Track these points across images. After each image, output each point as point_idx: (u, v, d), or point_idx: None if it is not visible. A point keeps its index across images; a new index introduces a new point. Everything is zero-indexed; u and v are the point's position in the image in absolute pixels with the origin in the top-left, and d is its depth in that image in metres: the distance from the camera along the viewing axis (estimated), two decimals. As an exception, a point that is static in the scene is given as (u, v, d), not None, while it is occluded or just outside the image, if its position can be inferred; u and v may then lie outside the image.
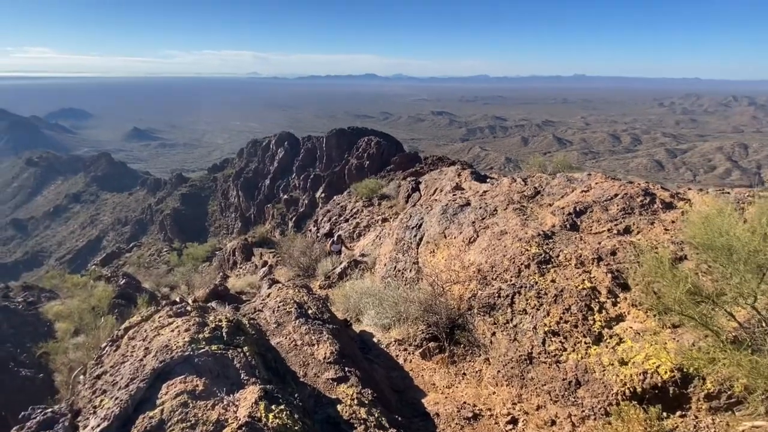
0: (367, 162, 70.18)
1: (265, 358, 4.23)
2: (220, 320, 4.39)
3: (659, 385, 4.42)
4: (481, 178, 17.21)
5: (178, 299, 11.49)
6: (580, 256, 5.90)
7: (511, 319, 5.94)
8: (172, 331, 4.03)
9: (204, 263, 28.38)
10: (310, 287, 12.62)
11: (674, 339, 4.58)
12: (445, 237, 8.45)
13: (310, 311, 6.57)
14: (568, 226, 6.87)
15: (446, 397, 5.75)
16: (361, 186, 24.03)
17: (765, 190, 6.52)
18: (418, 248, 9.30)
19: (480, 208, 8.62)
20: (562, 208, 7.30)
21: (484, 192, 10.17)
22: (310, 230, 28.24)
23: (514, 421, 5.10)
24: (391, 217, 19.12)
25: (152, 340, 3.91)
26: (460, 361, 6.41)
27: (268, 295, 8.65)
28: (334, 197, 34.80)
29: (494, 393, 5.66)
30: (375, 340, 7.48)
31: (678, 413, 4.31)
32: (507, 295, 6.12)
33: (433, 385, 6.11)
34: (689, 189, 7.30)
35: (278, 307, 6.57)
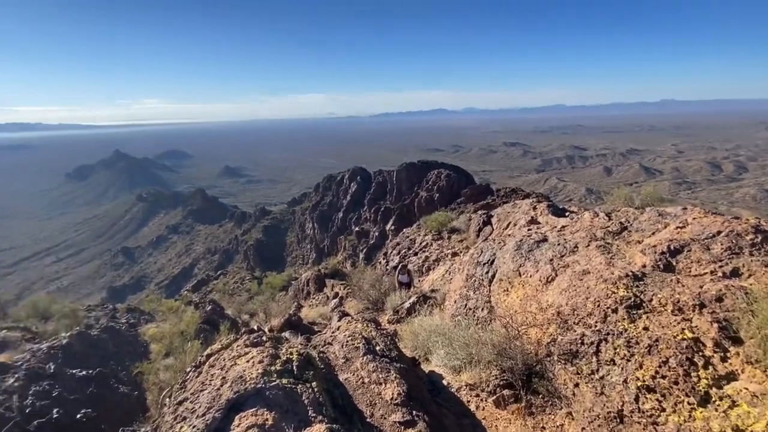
0: (437, 194, 70.18)
1: (333, 395, 4.24)
2: (291, 353, 4.51)
3: (791, 464, 3.65)
4: (559, 212, 16.30)
5: (255, 327, 12.11)
6: (678, 302, 5.23)
7: (597, 370, 5.37)
8: (248, 361, 4.22)
9: (281, 292, 29.76)
10: (379, 321, 12.62)
11: (808, 408, 3.81)
12: (520, 275, 8.02)
13: (378, 347, 6.52)
14: (661, 266, 6.17)
15: (523, 453, 5.27)
16: (431, 219, 23.95)
17: None
18: (490, 286, 8.91)
19: (558, 244, 8.10)
20: (654, 246, 6.60)
21: (563, 227, 9.57)
22: (380, 262, 28.54)
23: (603, 489, 4.50)
24: (461, 252, 18.69)
25: (229, 370, 4.12)
26: (539, 413, 5.88)
27: (338, 328, 8.77)
28: (404, 230, 34.98)
29: (578, 453, 5.08)
30: (445, 382, 7.17)
31: (820, 503, 3.51)
32: (591, 343, 5.57)
33: (507, 438, 5.65)
34: (816, 226, 6.22)
35: (347, 341, 6.60)
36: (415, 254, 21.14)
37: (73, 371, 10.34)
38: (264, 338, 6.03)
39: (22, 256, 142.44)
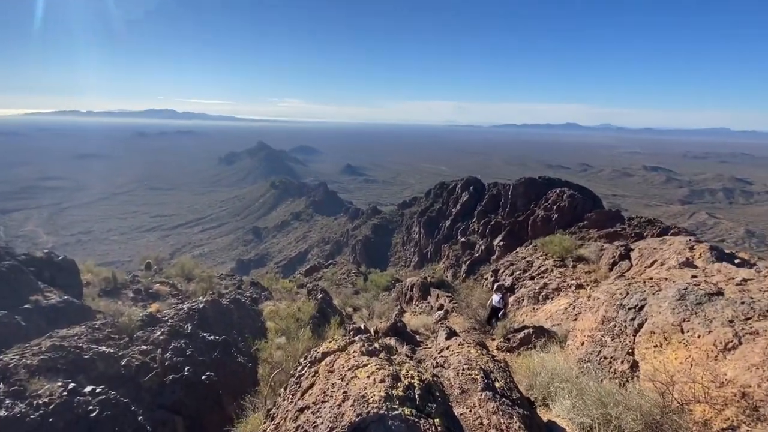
0: (556, 215, 64.75)
1: (454, 436, 3.75)
2: (413, 376, 4.13)
3: None
4: (726, 257, 13.42)
5: (362, 326, 12.21)
6: None
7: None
8: (368, 376, 3.96)
9: (384, 291, 30.25)
10: (486, 345, 11.73)
11: None
12: (683, 332, 6.52)
13: (497, 384, 5.82)
14: None
15: None
16: (553, 242, 21.87)
17: None
18: (635, 336, 7.48)
19: (742, 302, 6.40)
20: None
21: (744, 280, 7.62)
22: (486, 279, 27.10)
23: None
24: (587, 285, 16.60)
25: (349, 383, 3.91)
26: None
27: (447, 347, 8.24)
28: (517, 249, 32.84)
29: None
30: (570, 439, 6.14)
31: None
32: (801, 449, 4.12)
33: None
34: None
35: (462, 369, 6.03)
36: (532, 278, 19.47)
37: (204, 334, 11.56)
38: (377, 345, 5.79)
39: (179, 222, 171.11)
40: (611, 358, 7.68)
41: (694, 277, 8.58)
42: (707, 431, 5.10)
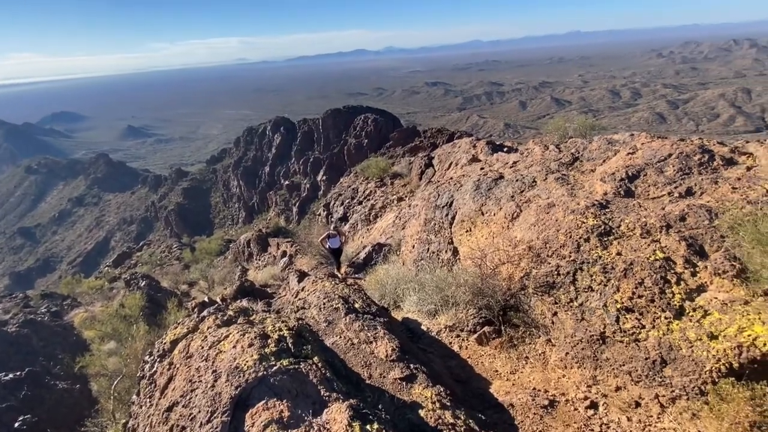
0: (366, 140, 69.28)
1: (335, 366, 3.93)
2: (281, 329, 4.06)
3: (758, 358, 4.09)
4: (498, 148, 16.67)
5: (206, 299, 11.26)
6: (645, 225, 5.50)
7: (576, 298, 5.60)
8: (234, 346, 3.71)
9: (218, 257, 28.23)
10: (336, 275, 12.37)
11: (769, 308, 4.23)
12: (483, 214, 8.05)
13: (357, 305, 6.26)
14: (622, 192, 6.44)
15: (513, 385, 5.48)
16: (371, 166, 23.52)
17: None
18: (451, 228, 8.92)
19: (516, 180, 8.18)
20: (612, 173, 6.85)
21: (515, 163, 9.70)
22: (320, 215, 27.90)
23: (594, 406, 4.82)
24: (406, 196, 18.70)
25: (215, 360, 3.60)
26: (520, 344, 6.12)
27: (302, 289, 8.35)
28: (341, 180, 34.29)
29: (564, 376, 5.37)
30: (423, 327, 7.20)
31: (783, 388, 4.00)
32: (567, 273, 5.76)
33: (495, 372, 5.84)
34: (747, 142, 6.80)
35: (323, 303, 6.25)
36: (360, 203, 20.83)
37: (-5, 377, 8.98)
38: (231, 313, 5.47)
39: None
40: (438, 251, 9.05)
41: (482, 169, 10.47)
42: (512, 283, 6.63)
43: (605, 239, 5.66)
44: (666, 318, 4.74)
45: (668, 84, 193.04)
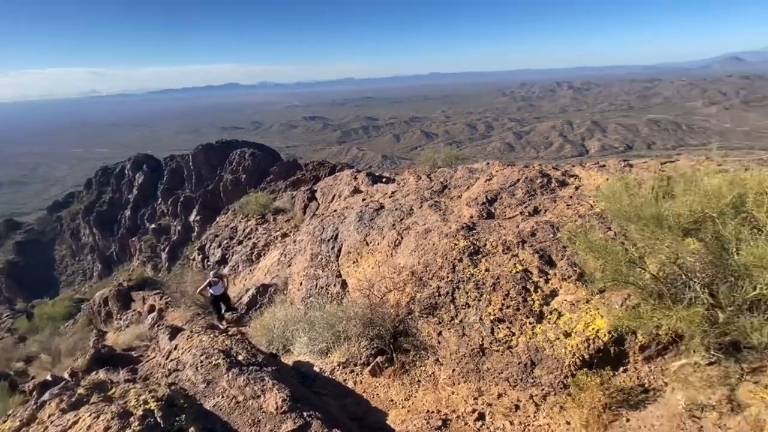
0: (244, 175, 66.39)
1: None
2: (146, 400, 3.46)
3: (601, 348, 4.82)
4: (378, 179, 17.41)
5: (49, 377, 9.17)
6: (505, 242, 6.19)
7: (456, 315, 5.97)
8: (82, 435, 3.02)
9: (66, 322, 23.55)
10: (218, 325, 11.27)
11: (604, 303, 5.05)
12: (368, 244, 8.22)
13: (240, 357, 5.73)
14: (485, 215, 7.20)
15: (409, 411, 5.52)
16: (250, 202, 22.47)
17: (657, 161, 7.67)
18: (338, 260, 8.90)
19: (396, 209, 8.58)
20: (474, 198, 7.63)
21: (393, 192, 10.20)
22: (194, 259, 25.45)
23: (481, 417, 5.10)
24: (290, 231, 18.21)
25: (54, 458, 2.87)
26: (411, 368, 6.24)
27: (175, 348, 7.42)
28: (217, 219, 32.02)
29: (453, 393, 5.62)
30: (316, 368, 6.89)
31: (621, 369, 4.76)
32: (447, 292, 6.13)
33: (391, 402, 5.83)
34: (573, 166, 8.26)
35: (201, 361, 5.57)
36: (240, 243, 19.60)
37: None
38: (82, 390, 4.56)
39: None
40: (326, 285, 8.91)
41: (363, 200, 10.77)
42: (400, 309, 6.81)
43: (475, 258, 6.21)
44: (530, 323, 5.33)
45: (513, 118, 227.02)
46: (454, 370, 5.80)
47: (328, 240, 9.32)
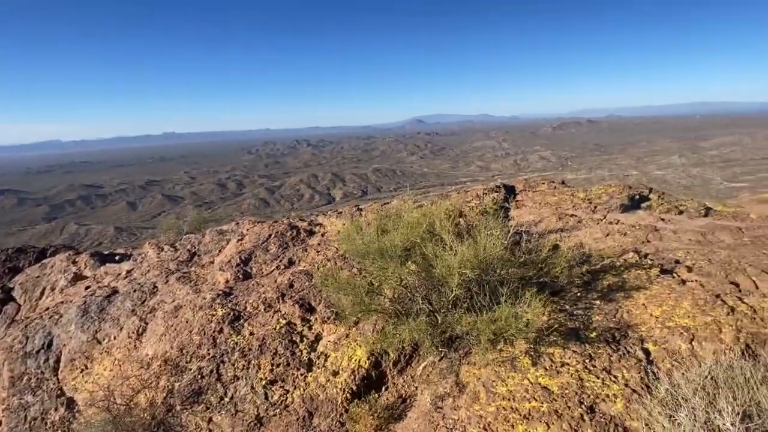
0: None
1: None
2: None
3: (365, 375, 5.33)
4: (108, 258, 14.47)
5: None
6: (266, 299, 6.17)
7: (225, 393, 5.45)
8: None
9: None
10: None
11: (360, 334, 5.65)
12: (100, 342, 6.61)
13: None
14: (241, 276, 6.98)
15: None
16: None
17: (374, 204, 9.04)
18: (58, 374, 6.77)
19: (134, 291, 7.29)
20: (228, 261, 7.33)
21: (129, 271, 8.66)
22: None
23: (270, 494, 4.74)
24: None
25: None
26: (182, 475, 5.26)
27: None
28: None
29: (236, 481, 5.03)
30: None
31: (383, 388, 5.36)
32: (211, 371, 5.55)
33: None
34: (317, 215, 9.08)
35: None
36: None
37: None
38: None
39: None
40: (42, 413, 6.58)
41: (88, 288, 8.70)
42: (156, 408, 5.69)
43: (237, 324, 5.90)
44: (302, 374, 5.40)
45: (263, 174, 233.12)
46: (233, 455, 5.22)
47: (37, 351, 7.00)
